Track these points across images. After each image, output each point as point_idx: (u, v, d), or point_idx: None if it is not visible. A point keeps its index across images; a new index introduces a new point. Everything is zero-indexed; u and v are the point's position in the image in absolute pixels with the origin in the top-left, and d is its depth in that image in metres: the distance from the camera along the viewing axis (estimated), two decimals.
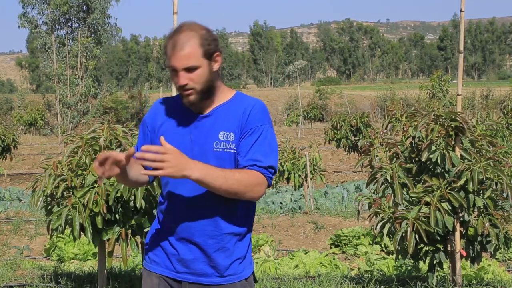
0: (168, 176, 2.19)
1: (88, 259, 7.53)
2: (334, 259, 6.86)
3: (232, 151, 2.39)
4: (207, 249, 2.41)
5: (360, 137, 14.34)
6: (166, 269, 2.48)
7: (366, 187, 5.08)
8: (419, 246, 4.81)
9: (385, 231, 4.71)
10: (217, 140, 2.39)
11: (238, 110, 2.43)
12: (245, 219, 2.47)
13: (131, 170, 2.42)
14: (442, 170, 4.68)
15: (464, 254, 4.81)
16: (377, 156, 5.65)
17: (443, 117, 4.70)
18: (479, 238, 4.77)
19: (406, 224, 4.56)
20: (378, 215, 4.79)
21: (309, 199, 10.41)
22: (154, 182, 4.23)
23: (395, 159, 4.88)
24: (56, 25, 31.34)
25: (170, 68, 2.38)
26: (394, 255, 5.36)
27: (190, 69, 2.36)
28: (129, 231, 4.71)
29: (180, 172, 2.18)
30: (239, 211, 2.43)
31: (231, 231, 2.43)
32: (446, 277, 5.39)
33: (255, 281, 2.60)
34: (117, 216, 4.61)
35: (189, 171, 2.20)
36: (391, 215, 4.68)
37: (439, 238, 4.75)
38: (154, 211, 4.56)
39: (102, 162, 2.26)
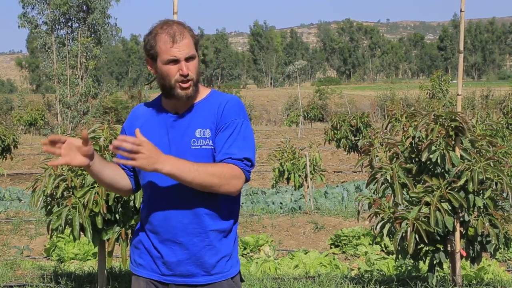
0: (139, 167, 2.20)
1: (88, 259, 7.54)
2: (334, 259, 6.86)
3: (210, 147, 2.40)
4: (193, 248, 2.40)
5: (360, 137, 14.34)
6: (152, 272, 2.47)
7: (366, 187, 5.07)
8: (419, 246, 4.81)
9: (385, 231, 4.71)
10: (194, 137, 2.41)
11: (213, 106, 2.45)
12: (229, 214, 2.46)
13: (106, 168, 2.44)
14: (442, 170, 4.68)
15: (464, 254, 4.81)
16: (377, 156, 5.65)
17: (443, 117, 4.70)
18: (479, 238, 4.77)
19: (406, 224, 4.56)
20: (378, 215, 4.79)
21: (309, 199, 10.41)
22: None
23: (395, 159, 4.88)
24: (56, 25, 31.31)
25: (168, 61, 2.37)
26: (394, 255, 5.36)
27: (189, 59, 2.39)
28: (129, 231, 4.71)
29: (152, 165, 2.21)
30: (223, 206, 2.42)
31: (216, 228, 2.42)
32: (446, 277, 5.39)
33: (242, 280, 2.59)
34: (117, 216, 4.61)
35: (160, 165, 2.22)
36: (391, 215, 4.68)
37: (439, 238, 4.75)
38: None
39: (53, 142, 2.26)
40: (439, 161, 4.61)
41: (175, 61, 2.37)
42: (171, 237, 2.41)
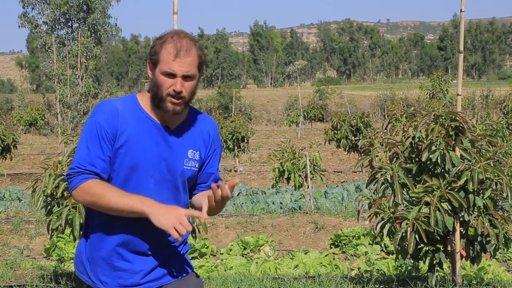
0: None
1: None
2: (334, 259, 6.86)
3: (195, 169, 2.47)
4: (168, 252, 2.45)
5: (360, 137, 14.35)
6: (120, 286, 2.43)
7: (366, 187, 5.08)
8: (419, 246, 4.81)
9: (385, 231, 4.71)
10: (187, 158, 2.43)
11: (201, 129, 2.50)
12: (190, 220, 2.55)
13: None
14: (442, 170, 4.68)
15: (464, 254, 4.81)
16: (377, 156, 5.65)
17: (443, 117, 4.70)
18: (479, 238, 4.77)
19: (406, 224, 4.56)
20: (378, 215, 4.79)
21: (309, 199, 10.41)
22: None
23: (395, 159, 4.88)
24: (56, 25, 31.29)
25: (165, 72, 2.32)
26: (394, 255, 5.36)
27: (187, 77, 2.34)
28: None
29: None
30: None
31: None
32: (446, 277, 5.39)
33: None
34: None
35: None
36: (391, 215, 4.68)
37: (439, 238, 4.75)
38: None
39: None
40: (439, 161, 4.61)
41: (172, 75, 2.33)
42: (148, 248, 2.41)
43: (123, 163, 2.36)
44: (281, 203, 11.17)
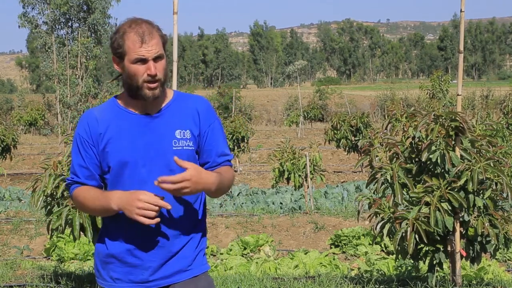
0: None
1: (88, 259, 7.54)
2: (334, 259, 6.87)
3: (191, 148, 2.44)
4: (178, 247, 2.43)
5: (360, 137, 14.36)
6: (131, 283, 2.44)
7: (366, 187, 5.08)
8: (419, 246, 4.81)
9: (385, 231, 4.71)
10: (175, 138, 2.42)
11: (188, 108, 2.48)
12: (203, 213, 2.54)
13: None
14: (442, 170, 4.68)
15: (464, 254, 4.81)
16: (377, 156, 5.65)
17: (443, 117, 4.70)
18: (479, 238, 4.77)
19: (406, 224, 4.56)
20: (378, 215, 4.79)
21: (309, 199, 10.41)
22: None
23: (395, 159, 4.88)
24: (56, 25, 31.30)
25: (136, 60, 2.34)
26: (394, 255, 5.36)
27: (157, 58, 2.37)
28: None
29: (198, 190, 2.32)
30: (201, 208, 2.52)
31: (197, 227, 2.50)
32: (446, 277, 5.39)
33: None
34: None
35: (206, 186, 2.34)
36: (391, 215, 4.69)
37: (439, 238, 4.75)
38: None
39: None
40: (439, 161, 4.61)
41: (143, 61, 2.35)
42: (156, 243, 2.41)
43: (112, 161, 2.40)
44: (281, 203, 11.17)
